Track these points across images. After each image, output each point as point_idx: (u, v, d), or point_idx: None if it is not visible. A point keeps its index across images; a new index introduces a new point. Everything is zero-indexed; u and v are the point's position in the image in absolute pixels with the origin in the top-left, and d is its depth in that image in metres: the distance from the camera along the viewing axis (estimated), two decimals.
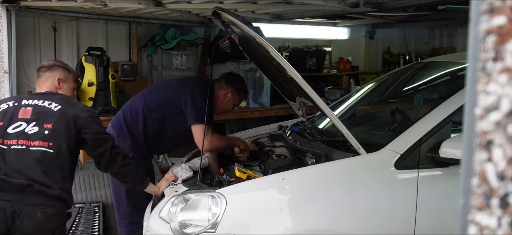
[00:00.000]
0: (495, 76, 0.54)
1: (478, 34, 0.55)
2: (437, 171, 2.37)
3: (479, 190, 0.55)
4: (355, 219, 2.27)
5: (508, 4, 0.53)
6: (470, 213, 0.56)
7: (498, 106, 0.54)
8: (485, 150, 0.55)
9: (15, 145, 2.30)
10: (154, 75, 5.12)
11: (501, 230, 0.53)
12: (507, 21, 0.53)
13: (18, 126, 2.36)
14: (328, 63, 6.54)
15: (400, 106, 3.03)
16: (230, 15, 2.62)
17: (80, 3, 3.81)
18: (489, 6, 0.54)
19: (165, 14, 4.56)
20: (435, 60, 3.75)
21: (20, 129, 2.35)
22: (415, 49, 7.37)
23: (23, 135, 2.33)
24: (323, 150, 2.62)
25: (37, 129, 2.34)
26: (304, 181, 2.37)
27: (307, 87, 2.44)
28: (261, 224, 2.23)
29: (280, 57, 2.46)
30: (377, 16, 5.39)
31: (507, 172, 0.53)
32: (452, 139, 2.28)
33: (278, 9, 4.18)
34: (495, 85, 0.54)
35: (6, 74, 3.94)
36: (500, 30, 0.53)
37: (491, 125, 0.54)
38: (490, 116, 0.54)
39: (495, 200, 0.54)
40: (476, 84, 0.56)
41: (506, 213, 0.53)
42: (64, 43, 4.76)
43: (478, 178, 0.55)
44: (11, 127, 2.35)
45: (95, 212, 3.98)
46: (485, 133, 0.55)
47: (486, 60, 0.55)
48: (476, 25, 0.55)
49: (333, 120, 2.45)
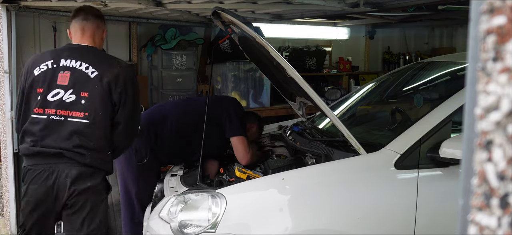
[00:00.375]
0: (495, 76, 0.54)
1: (478, 34, 0.55)
2: (437, 171, 2.37)
3: (479, 190, 0.55)
4: (355, 219, 2.27)
5: (508, 4, 0.53)
6: (470, 213, 0.56)
7: (498, 106, 0.54)
8: (485, 150, 0.55)
9: (53, 116, 2.33)
10: (154, 75, 5.12)
11: (501, 230, 0.53)
12: (507, 21, 0.53)
13: (57, 93, 2.35)
14: (328, 63, 6.54)
15: (400, 106, 3.03)
16: (230, 15, 2.62)
17: (80, 3, 3.81)
18: (489, 6, 0.54)
19: (165, 14, 4.56)
20: (435, 60, 3.75)
21: (59, 97, 2.35)
22: (415, 49, 7.38)
23: (61, 104, 2.33)
24: (323, 150, 2.62)
25: (74, 98, 2.34)
26: (304, 181, 2.37)
27: (307, 87, 2.44)
28: (261, 224, 2.23)
29: (280, 57, 2.46)
30: (377, 16, 5.39)
31: (507, 172, 0.53)
32: (452, 139, 2.29)
33: (278, 9, 4.18)
34: (495, 85, 0.54)
35: (6, 74, 3.94)
36: (500, 30, 0.53)
37: (491, 125, 0.54)
38: (490, 116, 0.54)
39: (495, 200, 0.54)
40: (476, 84, 0.56)
41: (506, 213, 0.53)
42: (64, 43, 4.73)
43: (478, 178, 0.55)
44: (51, 95, 2.35)
45: None
46: (485, 133, 0.55)
47: (486, 60, 0.55)
48: (476, 25, 0.55)
49: (333, 120, 2.45)
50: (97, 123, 2.34)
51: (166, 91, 4.99)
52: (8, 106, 3.99)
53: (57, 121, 2.32)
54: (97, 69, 2.39)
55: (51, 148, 2.29)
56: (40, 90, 2.37)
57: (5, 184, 4.17)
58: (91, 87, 2.35)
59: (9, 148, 4.04)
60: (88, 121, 2.32)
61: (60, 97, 2.34)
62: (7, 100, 3.98)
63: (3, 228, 4.27)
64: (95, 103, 2.34)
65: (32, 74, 2.42)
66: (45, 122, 2.32)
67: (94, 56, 2.46)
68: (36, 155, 2.32)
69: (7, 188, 4.12)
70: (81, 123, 2.32)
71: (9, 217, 4.13)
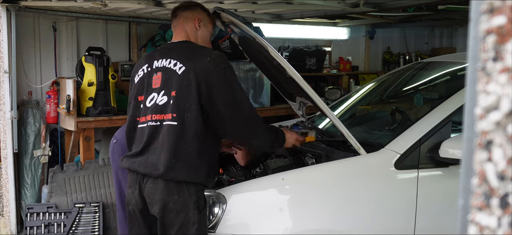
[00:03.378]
0: (495, 76, 0.54)
1: (478, 34, 0.55)
2: (437, 171, 2.37)
3: (479, 190, 0.55)
4: (355, 219, 2.27)
5: (508, 4, 0.53)
6: (470, 213, 0.56)
7: (498, 106, 0.54)
8: (485, 150, 0.55)
9: (150, 121, 2.17)
10: None
11: (501, 230, 0.53)
12: (507, 21, 0.53)
13: (152, 98, 2.19)
14: (328, 63, 6.54)
15: (400, 106, 3.03)
16: (230, 15, 2.62)
17: (80, 3, 3.81)
18: (489, 6, 0.54)
19: (165, 14, 4.56)
20: (435, 60, 3.75)
21: (154, 101, 2.18)
22: (415, 49, 7.37)
23: (156, 108, 2.16)
24: (323, 150, 2.62)
25: (166, 99, 2.15)
26: (304, 181, 2.37)
27: (307, 87, 2.44)
28: (261, 224, 2.23)
29: (280, 57, 2.46)
30: (377, 16, 5.39)
31: (507, 172, 0.53)
32: (452, 139, 2.29)
33: (278, 9, 4.18)
34: (495, 85, 0.54)
35: (6, 74, 3.94)
36: (500, 30, 0.53)
37: (491, 125, 0.54)
38: (490, 116, 0.54)
39: (495, 200, 0.54)
40: (476, 84, 0.56)
41: (506, 213, 0.53)
42: (64, 43, 4.75)
43: (478, 178, 0.55)
44: (148, 100, 2.20)
45: (95, 212, 3.98)
46: (485, 133, 0.55)
47: (486, 60, 0.55)
48: (476, 25, 0.55)
49: (333, 120, 2.45)
50: (187, 125, 2.10)
51: None
52: (8, 106, 3.99)
53: (154, 126, 2.16)
54: (184, 64, 2.16)
55: (150, 154, 2.16)
56: (140, 98, 2.25)
57: (5, 184, 4.18)
58: (179, 84, 2.12)
59: (9, 148, 4.04)
60: (176, 123, 2.10)
61: (154, 101, 2.18)
62: (7, 100, 3.98)
63: (3, 228, 4.27)
64: (183, 102, 2.11)
65: (133, 82, 2.33)
66: (144, 130, 2.19)
67: (183, 50, 2.24)
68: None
69: (7, 188, 4.12)
70: (171, 126, 2.11)
71: (9, 217, 4.13)
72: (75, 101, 4.04)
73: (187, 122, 2.09)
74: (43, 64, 4.67)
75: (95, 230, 3.94)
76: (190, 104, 2.09)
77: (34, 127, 4.33)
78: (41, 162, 4.38)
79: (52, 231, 3.87)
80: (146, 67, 2.28)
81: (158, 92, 2.18)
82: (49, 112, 4.39)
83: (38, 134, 4.36)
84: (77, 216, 3.92)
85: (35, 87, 4.60)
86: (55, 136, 4.61)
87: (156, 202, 2.13)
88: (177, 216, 2.11)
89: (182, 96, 2.11)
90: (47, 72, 4.67)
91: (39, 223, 3.87)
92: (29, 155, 4.32)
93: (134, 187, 2.22)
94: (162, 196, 2.11)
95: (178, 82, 2.13)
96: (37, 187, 4.36)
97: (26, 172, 4.32)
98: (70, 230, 3.88)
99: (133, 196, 2.24)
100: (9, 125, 4.01)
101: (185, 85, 2.11)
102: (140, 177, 2.19)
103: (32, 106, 4.40)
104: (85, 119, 4.11)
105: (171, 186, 2.11)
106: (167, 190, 2.11)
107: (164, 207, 2.11)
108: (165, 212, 2.12)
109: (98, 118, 4.15)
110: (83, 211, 3.96)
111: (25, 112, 4.35)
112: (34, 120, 4.35)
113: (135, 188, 2.21)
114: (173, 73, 2.16)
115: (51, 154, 4.45)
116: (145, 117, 2.20)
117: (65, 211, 3.92)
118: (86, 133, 4.18)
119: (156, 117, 2.15)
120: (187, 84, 2.10)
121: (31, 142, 4.32)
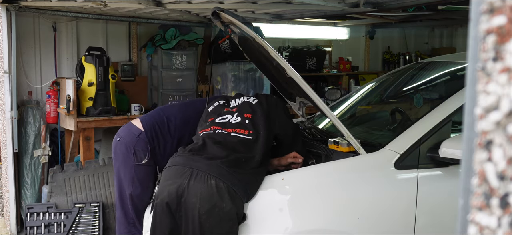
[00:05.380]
0: (495, 76, 0.54)
1: (478, 34, 0.55)
2: (437, 171, 2.37)
3: (479, 190, 0.55)
4: (355, 219, 2.27)
5: (508, 4, 0.53)
6: (470, 213, 0.56)
7: (498, 106, 0.54)
8: (485, 150, 0.55)
9: (219, 130, 2.59)
10: (154, 75, 5.12)
11: (501, 230, 0.53)
12: (507, 21, 0.53)
13: (224, 118, 2.68)
14: (328, 63, 6.54)
15: (400, 106, 3.03)
16: (229, 15, 2.62)
17: (80, 3, 3.81)
18: (489, 6, 0.54)
19: (165, 14, 4.56)
20: (435, 60, 3.75)
21: (226, 120, 2.66)
22: (415, 49, 7.37)
23: (227, 124, 2.62)
24: (323, 150, 2.62)
25: (240, 120, 2.62)
26: (304, 181, 2.37)
27: (307, 87, 2.44)
28: (261, 224, 2.23)
29: (280, 57, 2.46)
30: (377, 16, 5.39)
31: (507, 172, 0.53)
32: (452, 139, 2.28)
33: (278, 9, 4.18)
34: (495, 85, 0.54)
35: (6, 74, 3.94)
36: (500, 30, 0.53)
37: (491, 125, 0.54)
38: (490, 116, 0.54)
39: (495, 200, 0.54)
40: (476, 84, 0.56)
41: (506, 213, 0.53)
42: (64, 43, 4.76)
43: (478, 178, 0.55)
44: (219, 118, 2.68)
45: (95, 212, 3.98)
46: (485, 133, 0.55)
47: (486, 60, 0.55)
48: (476, 25, 0.55)
49: (333, 120, 2.45)
50: (258, 141, 2.56)
51: (166, 91, 4.99)
52: (8, 106, 3.99)
53: (221, 133, 2.60)
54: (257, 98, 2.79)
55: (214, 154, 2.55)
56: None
57: (5, 184, 4.18)
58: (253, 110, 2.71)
59: (9, 148, 4.04)
60: (251, 138, 2.58)
61: (227, 119, 2.69)
62: (7, 100, 3.98)
63: (3, 228, 4.27)
64: (257, 124, 2.61)
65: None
66: (210, 135, 2.62)
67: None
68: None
69: (7, 188, 4.12)
70: (242, 139, 2.59)
71: (9, 217, 4.13)
72: (75, 101, 4.04)
73: (260, 139, 2.60)
74: (43, 64, 4.67)
75: (95, 230, 3.94)
76: (262, 126, 2.63)
77: (34, 127, 4.33)
78: (41, 162, 4.38)
79: (52, 231, 3.87)
80: (223, 101, 2.90)
81: (232, 114, 2.74)
82: (49, 112, 4.39)
83: (38, 134, 4.36)
84: (77, 216, 3.93)
85: (35, 87, 4.61)
86: (55, 136, 4.61)
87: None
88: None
89: (255, 119, 2.66)
90: (47, 72, 4.67)
91: (39, 223, 3.87)
92: (29, 155, 4.32)
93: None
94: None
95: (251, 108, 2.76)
96: (37, 187, 4.36)
97: (26, 172, 4.32)
98: (70, 230, 3.88)
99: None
100: (9, 125, 4.01)
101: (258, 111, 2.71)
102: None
103: (32, 106, 4.40)
104: (85, 119, 4.11)
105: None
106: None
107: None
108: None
109: (98, 118, 4.15)
110: (83, 211, 3.97)
111: (25, 112, 4.35)
112: (34, 120, 4.35)
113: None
114: (247, 103, 2.78)
115: (51, 154, 4.45)
116: (211, 127, 2.69)
117: (65, 211, 3.92)
118: (86, 133, 4.18)
119: (226, 130, 2.64)
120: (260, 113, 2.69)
121: (31, 142, 4.32)
